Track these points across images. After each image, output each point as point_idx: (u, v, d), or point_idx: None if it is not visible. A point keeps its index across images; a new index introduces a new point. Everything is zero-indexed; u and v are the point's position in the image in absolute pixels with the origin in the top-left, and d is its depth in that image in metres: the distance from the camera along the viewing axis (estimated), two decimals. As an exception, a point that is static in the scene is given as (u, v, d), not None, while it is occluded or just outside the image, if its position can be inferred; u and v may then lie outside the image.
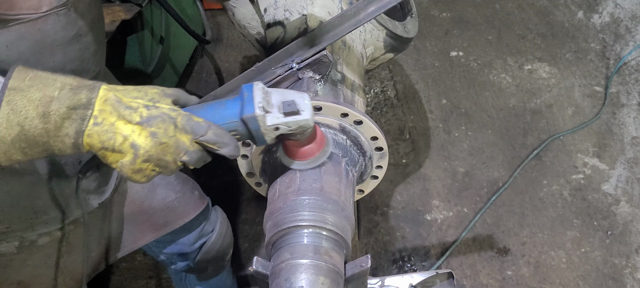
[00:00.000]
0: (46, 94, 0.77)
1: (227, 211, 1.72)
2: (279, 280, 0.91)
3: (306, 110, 0.88)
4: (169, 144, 0.82)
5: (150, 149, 0.81)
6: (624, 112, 2.99)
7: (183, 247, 1.59)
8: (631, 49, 3.32)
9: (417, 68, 3.37)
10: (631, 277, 2.27)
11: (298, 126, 0.89)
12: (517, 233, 2.45)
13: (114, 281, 2.35)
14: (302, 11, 1.31)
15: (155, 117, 0.81)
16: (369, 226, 2.50)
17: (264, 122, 0.86)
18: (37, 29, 0.94)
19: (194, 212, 1.55)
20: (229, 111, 0.87)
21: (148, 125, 0.80)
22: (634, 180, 2.64)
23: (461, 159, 2.78)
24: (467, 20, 3.72)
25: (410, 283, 1.37)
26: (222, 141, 0.85)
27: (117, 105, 0.80)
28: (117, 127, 0.80)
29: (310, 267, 0.91)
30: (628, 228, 2.45)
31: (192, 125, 0.83)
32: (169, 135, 0.82)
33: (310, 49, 1.13)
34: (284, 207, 0.98)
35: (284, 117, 0.87)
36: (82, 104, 0.79)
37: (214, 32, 3.47)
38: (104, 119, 0.79)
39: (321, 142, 0.99)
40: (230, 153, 0.86)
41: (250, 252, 2.43)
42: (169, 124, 0.82)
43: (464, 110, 3.06)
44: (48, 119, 0.77)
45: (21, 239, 1.19)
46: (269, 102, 0.87)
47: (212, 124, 0.84)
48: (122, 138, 0.80)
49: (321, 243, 0.95)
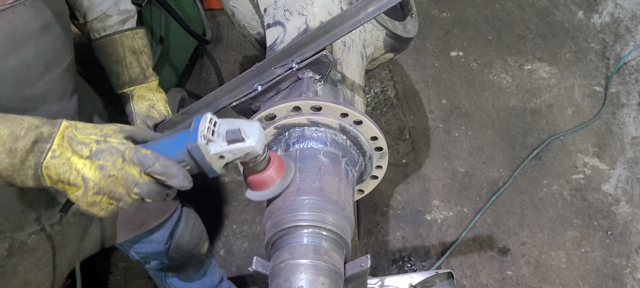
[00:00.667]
0: (14, 131, 0.82)
1: (227, 211, 1.72)
2: (279, 280, 0.91)
3: (251, 137, 0.87)
4: (117, 177, 0.85)
5: (99, 182, 0.85)
6: (624, 112, 2.99)
7: (157, 246, 1.60)
8: (631, 49, 3.32)
9: (417, 68, 3.37)
10: (631, 277, 2.27)
11: (244, 154, 0.88)
12: (517, 233, 2.45)
13: (113, 281, 2.35)
14: (301, 11, 1.31)
15: (103, 151, 0.85)
16: (369, 226, 2.50)
17: (207, 151, 0.87)
18: (6, 21, 0.97)
19: (168, 212, 1.57)
20: (177, 143, 0.88)
21: (96, 158, 0.85)
22: (634, 180, 2.64)
23: (461, 159, 2.78)
24: (467, 20, 3.72)
25: (410, 283, 1.37)
26: (170, 172, 0.87)
27: (71, 141, 0.85)
28: (72, 162, 0.84)
29: (310, 267, 0.91)
30: (628, 228, 2.45)
31: (139, 157, 0.86)
32: (117, 167, 0.85)
33: (310, 49, 1.13)
34: (283, 207, 0.98)
35: (228, 145, 0.87)
36: (44, 138, 0.84)
37: (214, 32, 3.47)
38: (61, 153, 0.84)
39: (280, 169, 0.97)
40: (179, 184, 0.88)
41: (250, 252, 2.43)
42: (117, 156, 0.85)
43: (464, 110, 3.06)
44: (14, 154, 0.82)
45: (11, 240, 1.19)
46: (215, 132, 0.88)
47: (161, 156, 0.87)
48: (75, 172, 0.85)
49: (321, 243, 0.94)
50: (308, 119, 1.07)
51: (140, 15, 2.41)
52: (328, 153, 1.07)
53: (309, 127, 1.08)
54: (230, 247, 2.47)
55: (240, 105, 1.18)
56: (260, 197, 0.98)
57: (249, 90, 1.17)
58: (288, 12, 1.33)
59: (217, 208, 2.62)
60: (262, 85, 1.16)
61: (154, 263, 1.69)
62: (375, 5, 1.07)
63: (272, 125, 1.09)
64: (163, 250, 1.62)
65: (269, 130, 1.10)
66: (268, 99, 1.18)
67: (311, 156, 1.06)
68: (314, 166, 1.04)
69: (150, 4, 2.52)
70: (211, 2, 3.60)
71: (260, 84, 1.16)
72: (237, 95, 1.19)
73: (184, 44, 3.08)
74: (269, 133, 1.10)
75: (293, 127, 1.09)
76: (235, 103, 1.18)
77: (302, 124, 1.08)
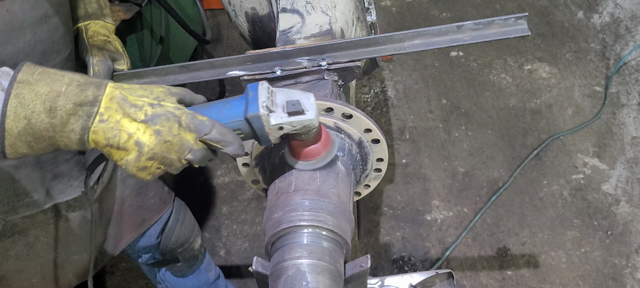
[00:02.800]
0: (54, 88, 0.78)
1: (227, 211, 1.72)
2: (279, 280, 0.91)
3: (311, 110, 0.87)
4: (173, 142, 0.82)
5: (155, 147, 0.81)
6: (624, 112, 2.99)
7: (148, 239, 1.61)
8: (631, 49, 3.32)
9: (417, 68, 3.37)
10: (631, 277, 2.27)
11: (302, 126, 0.88)
12: (517, 233, 2.45)
13: (114, 281, 2.35)
14: (326, 11, 1.29)
15: (160, 116, 0.81)
16: (369, 226, 2.50)
17: (268, 121, 0.85)
18: (5, 10, 0.98)
19: (165, 207, 1.58)
20: (233, 110, 0.86)
21: (152, 123, 0.81)
22: (634, 180, 2.64)
23: (461, 159, 2.78)
24: (467, 20, 3.71)
25: (410, 283, 1.36)
26: (226, 140, 0.84)
27: (123, 103, 0.80)
28: (122, 125, 0.80)
29: (311, 267, 0.91)
30: (628, 228, 2.45)
31: (196, 123, 0.83)
32: (173, 133, 0.81)
33: (344, 55, 1.12)
34: (283, 206, 0.98)
35: (288, 116, 0.86)
36: (89, 101, 0.79)
37: (214, 32, 3.47)
38: (109, 116, 0.79)
39: (326, 143, 0.98)
40: (234, 152, 0.86)
41: (250, 252, 2.43)
42: (173, 122, 0.81)
43: (464, 110, 3.06)
44: (54, 114, 0.77)
45: (4, 222, 1.20)
46: (273, 102, 0.86)
47: (217, 123, 0.84)
48: (127, 135, 0.80)
49: (321, 243, 0.94)
50: (335, 124, 1.07)
51: (140, 15, 2.42)
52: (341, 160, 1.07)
53: (332, 130, 1.09)
54: (230, 247, 2.47)
55: (245, 82, 1.14)
56: (307, 167, 0.99)
57: (267, 70, 1.14)
58: (310, 5, 1.31)
59: (218, 208, 2.62)
60: (283, 70, 1.13)
61: (145, 257, 1.69)
62: (422, 40, 1.09)
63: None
64: (154, 243, 1.62)
65: None
66: (283, 85, 1.16)
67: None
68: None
69: (151, 4, 2.52)
70: (211, 2, 3.60)
71: (281, 69, 1.14)
72: (252, 70, 1.15)
73: (184, 44, 3.08)
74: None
75: None
76: (247, 77, 1.14)
77: (328, 126, 1.08)
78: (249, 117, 0.85)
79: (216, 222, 2.57)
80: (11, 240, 1.24)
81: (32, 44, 1.05)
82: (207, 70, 1.19)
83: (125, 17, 2.28)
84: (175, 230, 1.65)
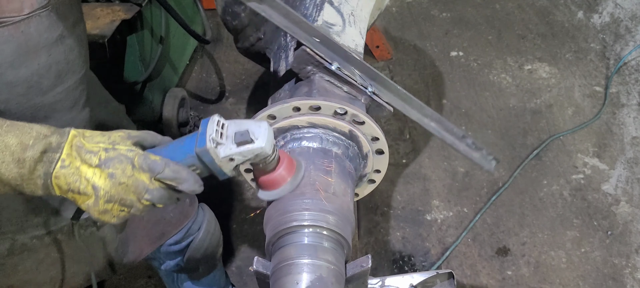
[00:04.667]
0: (22, 141, 0.82)
1: (227, 211, 1.72)
2: (280, 280, 0.91)
3: (260, 138, 0.87)
4: (128, 184, 0.85)
5: (110, 190, 0.85)
6: (624, 112, 2.99)
7: (170, 246, 1.59)
8: (631, 49, 3.32)
9: (417, 68, 3.37)
10: (631, 277, 2.27)
11: (254, 155, 0.88)
12: (517, 233, 2.45)
13: (114, 280, 2.35)
14: (362, 33, 1.35)
15: (113, 159, 0.85)
16: (369, 226, 2.50)
17: (216, 154, 0.87)
18: (20, 32, 0.97)
19: (185, 220, 1.56)
20: (186, 147, 0.89)
21: (106, 166, 0.85)
22: (634, 180, 2.64)
23: (461, 159, 2.78)
24: (467, 20, 3.72)
25: (411, 283, 1.36)
26: (180, 177, 0.87)
27: (80, 150, 0.85)
28: (82, 171, 0.84)
29: (311, 267, 0.91)
30: (628, 228, 2.45)
31: (149, 163, 0.86)
32: (127, 174, 0.85)
33: (386, 95, 1.21)
34: (284, 207, 0.98)
35: (237, 147, 0.87)
36: (52, 148, 0.83)
37: (214, 32, 3.46)
38: (70, 163, 0.84)
39: (290, 168, 0.97)
40: (189, 188, 0.89)
41: (250, 252, 2.43)
42: (126, 164, 0.85)
43: (464, 110, 3.06)
44: (23, 164, 0.81)
45: (12, 241, 1.19)
46: (223, 134, 0.88)
47: (170, 162, 0.87)
48: (85, 181, 0.84)
49: (322, 243, 0.95)
50: (350, 130, 1.10)
51: (140, 15, 2.41)
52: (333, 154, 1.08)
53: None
54: (230, 247, 2.47)
55: (305, 54, 1.16)
56: (272, 197, 0.98)
57: (327, 59, 1.16)
58: (353, 18, 1.34)
59: (217, 208, 2.61)
60: (339, 69, 1.17)
61: (169, 265, 1.68)
62: (436, 125, 1.23)
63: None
64: (177, 250, 1.62)
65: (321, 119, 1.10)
66: (320, 76, 1.18)
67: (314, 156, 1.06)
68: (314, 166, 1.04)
69: (151, 4, 2.52)
70: (211, 2, 3.59)
71: (338, 67, 1.17)
72: (314, 46, 1.16)
73: (184, 44, 3.08)
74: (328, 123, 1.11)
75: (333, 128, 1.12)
76: (307, 49, 1.15)
77: (342, 131, 1.11)
78: (198, 152, 0.87)
79: (216, 222, 2.57)
80: (20, 257, 1.23)
81: (47, 66, 1.04)
82: (282, 16, 1.15)
83: (125, 17, 2.27)
84: (206, 242, 1.64)
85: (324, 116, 1.09)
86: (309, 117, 1.09)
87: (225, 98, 3.25)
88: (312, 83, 1.16)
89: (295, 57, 1.16)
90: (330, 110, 1.08)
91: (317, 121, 1.09)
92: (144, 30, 2.51)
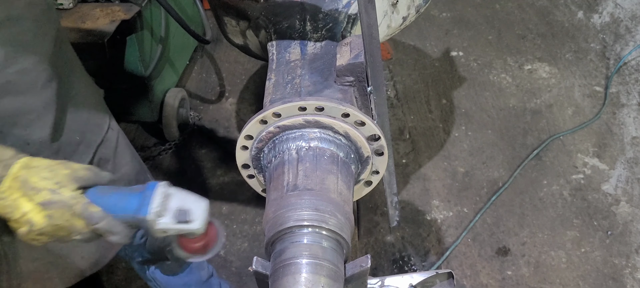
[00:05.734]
0: None
1: (227, 211, 1.72)
2: (279, 280, 0.91)
3: (197, 221, 0.94)
4: (63, 226, 0.91)
5: (45, 228, 0.90)
6: (624, 112, 2.99)
7: (135, 240, 1.61)
8: (631, 49, 3.32)
9: (417, 68, 3.37)
10: (631, 277, 2.27)
11: (187, 232, 0.95)
12: (517, 233, 2.45)
13: (114, 281, 2.35)
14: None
15: (55, 203, 0.90)
16: (369, 226, 2.50)
17: (153, 225, 0.93)
18: None
19: None
20: (128, 205, 0.94)
21: (46, 208, 0.89)
22: (634, 180, 2.64)
23: (461, 159, 2.78)
24: (467, 20, 3.72)
25: (410, 283, 1.36)
26: (114, 230, 0.93)
27: (24, 184, 0.89)
28: (19, 203, 0.89)
29: (311, 266, 0.91)
30: (628, 228, 2.45)
31: (88, 214, 0.91)
32: (65, 219, 0.90)
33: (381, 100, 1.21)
34: (283, 206, 0.98)
35: (175, 224, 0.94)
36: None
37: (214, 32, 3.46)
38: (9, 195, 0.89)
39: (212, 241, 1.03)
40: (119, 241, 0.94)
41: (250, 252, 2.43)
42: (66, 210, 0.90)
43: (464, 110, 3.06)
44: None
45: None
46: (165, 207, 0.94)
47: (108, 216, 0.92)
48: (20, 213, 0.89)
49: (321, 243, 0.94)
50: (350, 131, 1.10)
51: (140, 15, 2.41)
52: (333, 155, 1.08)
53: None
54: (229, 247, 2.47)
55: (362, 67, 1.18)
56: (187, 258, 1.04)
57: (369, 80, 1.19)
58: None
59: (217, 208, 2.62)
60: (371, 93, 1.20)
61: (138, 257, 1.69)
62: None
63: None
64: (141, 243, 1.63)
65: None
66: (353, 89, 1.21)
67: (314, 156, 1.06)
68: (314, 166, 1.04)
69: (151, 4, 2.52)
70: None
71: (371, 91, 1.20)
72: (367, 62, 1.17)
73: (184, 44, 3.08)
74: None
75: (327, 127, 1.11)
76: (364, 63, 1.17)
77: (345, 133, 1.11)
78: (138, 219, 0.93)
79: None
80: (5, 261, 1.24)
81: None
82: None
83: (125, 17, 2.27)
84: None
85: (328, 117, 1.09)
86: (313, 117, 1.09)
87: (225, 98, 3.24)
88: (346, 93, 1.19)
89: (350, 66, 1.18)
90: (337, 112, 1.08)
91: (323, 121, 1.09)
92: (143, 31, 2.51)
